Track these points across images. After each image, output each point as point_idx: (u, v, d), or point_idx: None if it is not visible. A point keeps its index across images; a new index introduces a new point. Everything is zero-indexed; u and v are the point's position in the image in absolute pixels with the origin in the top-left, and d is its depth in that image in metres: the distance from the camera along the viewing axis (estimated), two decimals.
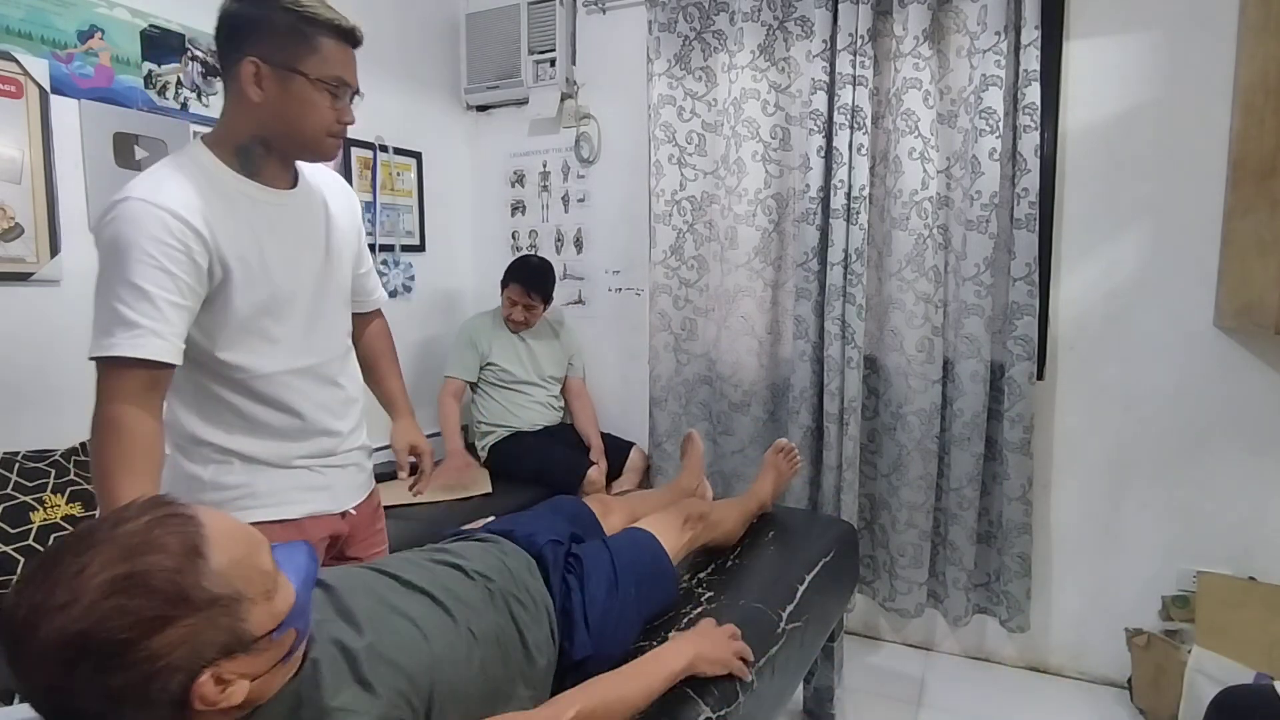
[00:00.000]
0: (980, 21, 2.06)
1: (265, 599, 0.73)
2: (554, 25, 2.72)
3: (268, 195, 1.16)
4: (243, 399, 1.15)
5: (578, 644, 1.17)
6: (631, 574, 1.29)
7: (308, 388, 1.20)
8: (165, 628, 0.65)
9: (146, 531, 0.68)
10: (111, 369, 1.04)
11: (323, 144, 1.16)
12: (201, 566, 0.68)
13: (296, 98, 1.10)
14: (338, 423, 1.26)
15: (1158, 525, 2.11)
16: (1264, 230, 1.73)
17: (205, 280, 1.07)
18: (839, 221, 2.24)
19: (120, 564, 0.65)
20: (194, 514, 0.72)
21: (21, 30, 1.68)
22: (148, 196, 1.04)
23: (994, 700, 2.16)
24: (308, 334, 1.20)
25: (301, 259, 1.20)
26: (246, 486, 1.17)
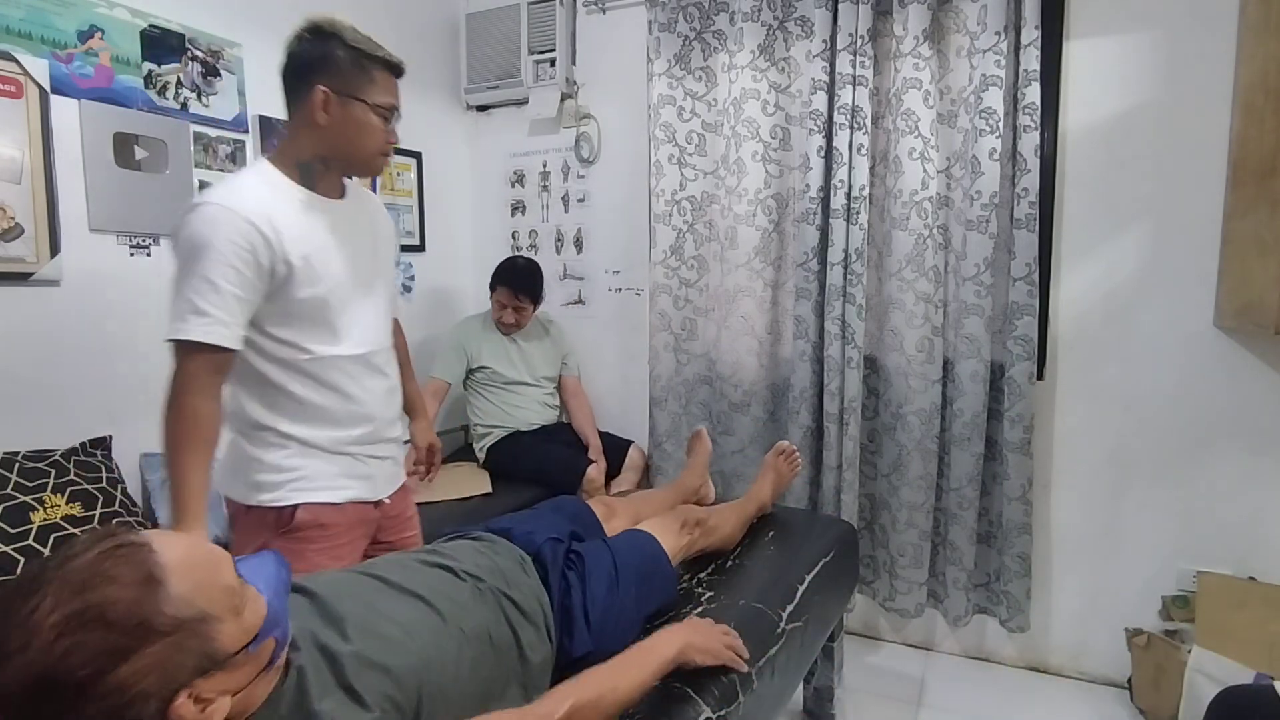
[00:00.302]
0: (980, 21, 2.06)
1: (234, 615, 0.72)
2: (554, 25, 2.73)
3: (323, 204, 1.32)
4: (302, 386, 1.28)
5: (577, 641, 1.17)
6: (632, 573, 1.30)
7: (359, 373, 1.34)
8: (128, 658, 0.64)
9: (97, 564, 0.66)
10: (185, 351, 1.18)
11: (374, 161, 1.36)
12: (160, 593, 0.67)
13: (357, 121, 1.29)
14: (382, 410, 1.40)
15: (1158, 525, 2.11)
16: (1264, 230, 1.73)
17: (268, 278, 1.21)
18: (839, 221, 2.24)
19: (73, 600, 0.63)
20: (145, 540, 0.70)
21: (21, 30, 1.68)
22: (223, 202, 1.19)
23: (994, 700, 2.16)
24: (361, 326, 1.35)
25: (353, 260, 1.34)
26: (299, 470, 1.29)
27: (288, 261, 1.22)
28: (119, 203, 1.86)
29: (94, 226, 1.82)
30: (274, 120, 2.22)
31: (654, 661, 1.11)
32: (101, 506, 1.66)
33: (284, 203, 1.26)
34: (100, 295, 1.83)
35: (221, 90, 2.08)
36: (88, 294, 1.81)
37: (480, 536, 1.27)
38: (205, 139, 2.05)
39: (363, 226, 1.40)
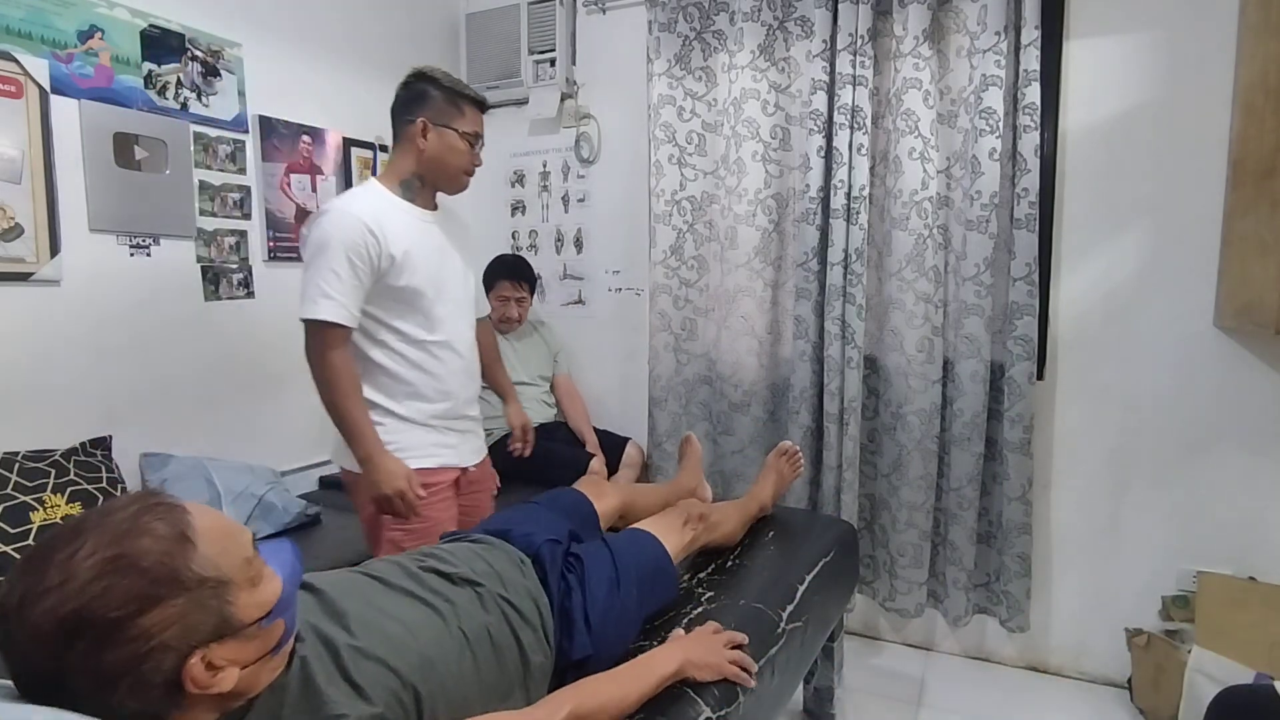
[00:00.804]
0: (980, 21, 2.06)
1: (250, 586, 0.75)
2: (554, 25, 2.73)
3: (420, 214, 1.60)
4: (400, 365, 1.54)
5: (577, 644, 1.16)
6: (632, 574, 1.29)
7: (446, 357, 1.60)
8: (155, 606, 0.67)
9: (135, 518, 0.70)
10: (316, 327, 1.44)
11: (460, 179, 1.64)
12: (189, 551, 0.71)
13: (448, 145, 1.58)
14: (462, 390, 1.65)
15: (1158, 525, 2.11)
16: (1264, 230, 1.73)
17: (376, 269, 1.48)
18: (839, 221, 2.24)
19: (111, 547, 0.67)
20: (180, 504, 0.74)
21: (21, 30, 1.68)
22: (344, 208, 1.48)
23: (994, 700, 2.16)
24: (450, 316, 1.60)
25: (442, 262, 1.60)
26: (397, 442, 1.53)
27: (390, 255, 1.48)
28: (119, 203, 1.86)
29: (94, 226, 1.82)
30: (274, 120, 2.23)
31: (653, 677, 1.12)
32: None
33: (389, 210, 1.53)
34: (100, 295, 1.84)
35: (221, 90, 2.08)
36: (88, 294, 1.81)
37: (479, 539, 1.27)
38: (205, 139, 2.05)
39: (451, 236, 1.66)
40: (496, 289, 2.58)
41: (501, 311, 2.59)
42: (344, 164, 2.48)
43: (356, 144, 2.52)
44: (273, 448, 2.26)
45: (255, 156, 2.18)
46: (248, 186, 2.17)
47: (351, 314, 1.46)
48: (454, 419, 1.64)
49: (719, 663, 1.19)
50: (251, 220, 2.19)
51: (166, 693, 0.69)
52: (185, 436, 2.02)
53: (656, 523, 1.52)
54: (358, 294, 1.46)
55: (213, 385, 2.10)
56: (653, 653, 1.17)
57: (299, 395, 2.35)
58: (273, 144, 2.22)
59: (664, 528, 1.49)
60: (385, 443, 1.50)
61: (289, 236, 2.30)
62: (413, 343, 1.55)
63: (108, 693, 0.66)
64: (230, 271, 2.14)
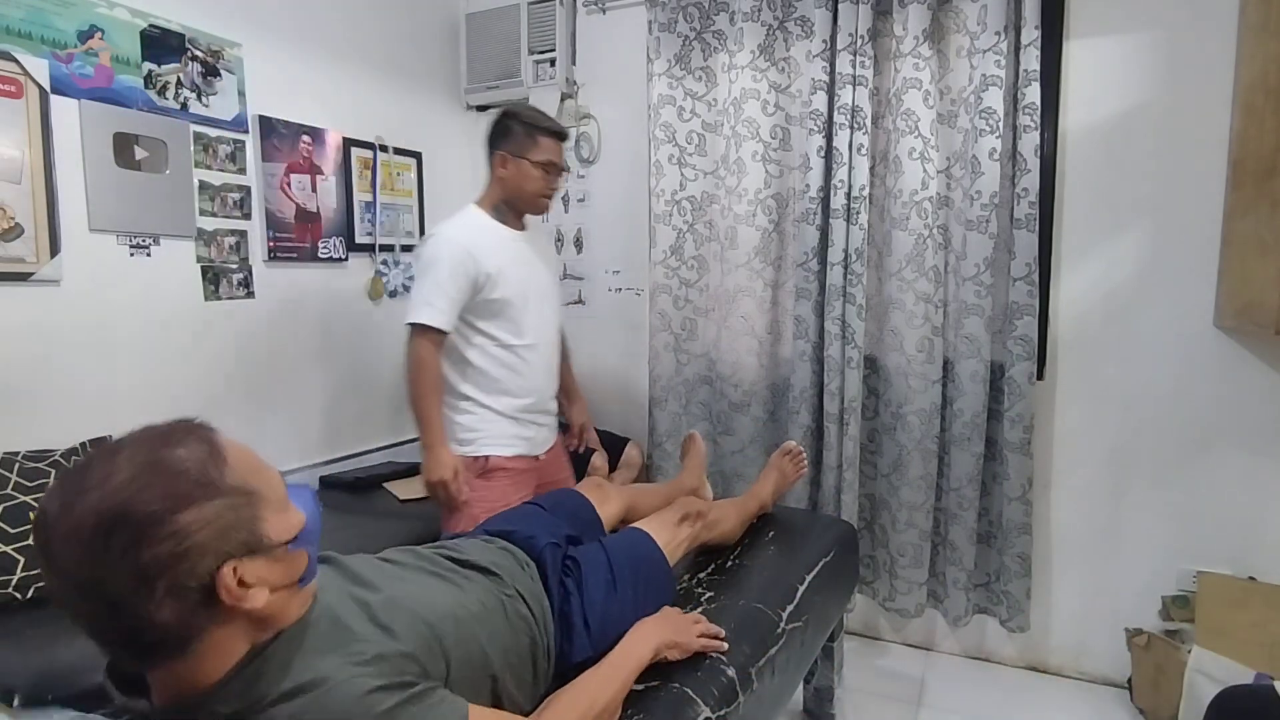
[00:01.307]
0: (980, 21, 2.06)
1: (281, 508, 0.78)
2: (554, 25, 2.73)
3: (510, 234, 1.87)
4: (492, 365, 1.82)
5: (577, 647, 1.17)
6: (629, 576, 1.30)
7: (532, 358, 1.86)
8: (192, 505, 0.70)
9: (170, 431, 0.74)
10: (419, 330, 1.72)
11: (538, 202, 1.89)
12: (222, 464, 0.74)
13: (524, 173, 1.83)
14: (544, 387, 1.91)
15: (1158, 525, 2.11)
16: (1264, 230, 1.73)
17: (473, 284, 1.75)
18: (839, 221, 2.24)
19: (149, 453, 0.71)
20: (214, 430, 0.78)
21: (21, 30, 1.68)
22: (446, 234, 1.79)
23: (994, 700, 2.16)
24: (536, 322, 1.86)
25: (529, 275, 1.86)
26: (484, 429, 1.82)
27: (486, 273, 1.75)
28: (119, 203, 1.86)
29: (94, 226, 1.82)
30: (274, 120, 2.23)
31: (633, 665, 1.14)
32: None
33: (484, 233, 1.82)
34: (100, 295, 1.83)
35: (221, 90, 2.08)
36: (88, 294, 1.81)
37: (486, 539, 1.28)
38: (205, 139, 2.05)
39: (537, 252, 1.93)
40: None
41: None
42: (344, 164, 2.47)
43: (356, 144, 2.52)
44: (273, 448, 2.25)
45: (255, 156, 2.18)
46: (248, 186, 2.17)
47: (448, 320, 1.73)
48: (536, 413, 1.90)
49: (688, 641, 1.23)
50: (251, 220, 2.19)
51: (202, 600, 0.71)
52: None
53: (653, 521, 1.52)
54: (455, 305, 1.74)
55: (213, 385, 2.10)
56: (628, 642, 1.18)
57: (299, 395, 2.36)
58: (273, 144, 2.22)
59: (660, 525, 1.50)
60: (474, 430, 1.81)
61: (289, 236, 2.30)
62: (504, 346, 1.82)
63: (145, 594, 0.67)
64: (230, 271, 2.14)
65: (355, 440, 2.57)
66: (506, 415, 1.83)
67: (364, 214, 2.56)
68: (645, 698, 1.13)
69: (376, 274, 2.62)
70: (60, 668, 1.20)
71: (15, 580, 1.48)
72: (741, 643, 1.31)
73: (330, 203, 2.44)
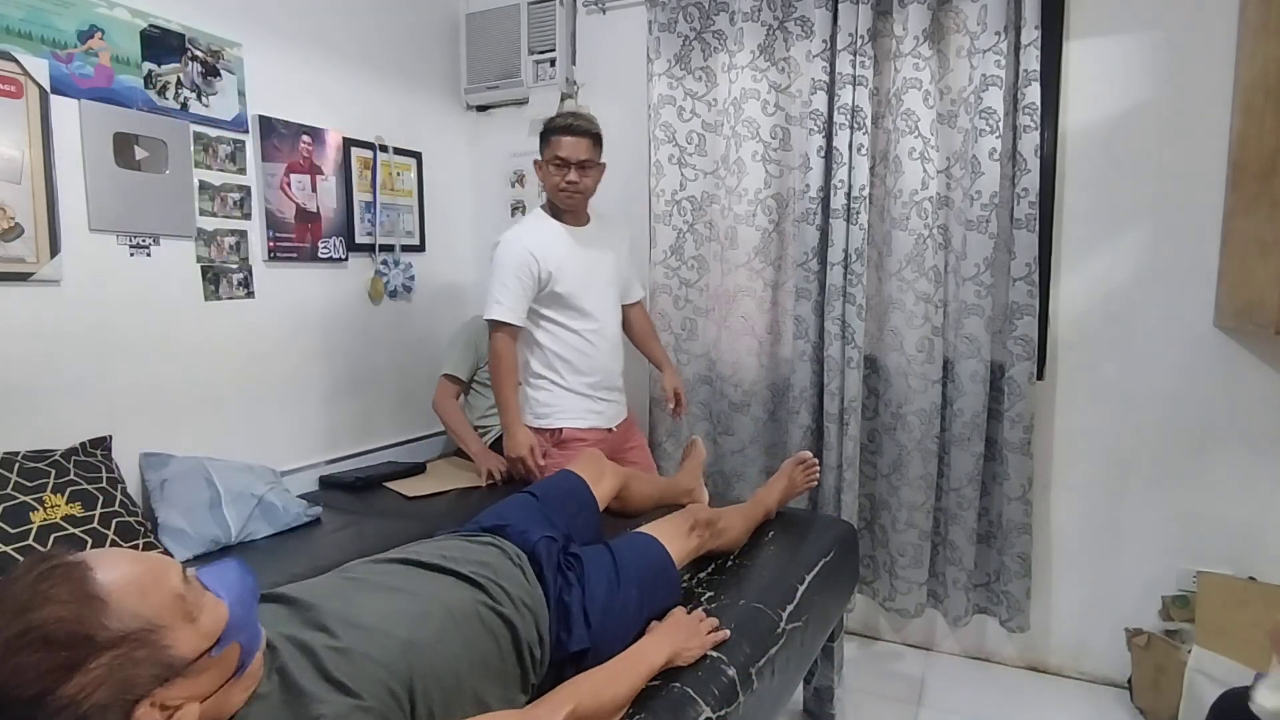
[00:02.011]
0: (980, 21, 2.06)
1: (187, 621, 0.73)
2: (554, 25, 2.72)
3: (568, 230, 2.08)
4: (561, 347, 2.07)
5: (575, 637, 1.17)
6: (633, 575, 1.30)
7: (596, 340, 2.09)
8: (74, 674, 0.65)
9: (34, 588, 0.67)
10: (494, 325, 2.01)
11: (558, 197, 2.06)
12: (99, 608, 0.68)
13: (544, 172, 2.06)
14: (608, 365, 2.14)
15: (1158, 525, 2.11)
16: (1264, 230, 1.73)
17: (535, 280, 2.01)
18: (839, 221, 2.24)
19: (14, 623, 0.65)
20: (80, 560, 0.71)
21: (21, 30, 1.67)
22: (512, 237, 2.04)
23: (994, 700, 2.16)
24: (598, 307, 2.09)
25: (592, 264, 2.09)
26: (558, 405, 2.08)
27: (548, 271, 2.00)
28: (119, 203, 1.86)
29: (94, 226, 1.82)
30: (274, 120, 2.23)
31: (645, 670, 1.14)
32: (101, 506, 1.66)
33: (544, 232, 2.06)
34: (100, 295, 1.83)
35: (221, 90, 2.08)
36: (88, 294, 1.81)
37: (471, 535, 1.28)
38: (205, 139, 2.05)
39: (601, 241, 2.13)
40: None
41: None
42: (344, 164, 2.47)
43: (357, 144, 2.52)
44: (273, 448, 2.26)
45: (255, 156, 2.18)
46: (248, 186, 2.17)
47: (515, 315, 2.00)
48: (604, 389, 2.12)
49: (701, 645, 1.24)
50: (251, 220, 2.19)
51: None
52: (185, 436, 2.02)
53: (661, 527, 1.52)
54: (520, 300, 2.00)
55: (213, 385, 2.10)
56: (642, 645, 1.19)
57: (299, 395, 2.36)
58: (273, 144, 2.22)
59: (668, 533, 1.49)
60: (550, 405, 2.08)
61: (289, 236, 2.30)
62: (571, 331, 2.06)
63: None
64: (230, 271, 2.14)
65: (355, 440, 2.57)
66: (577, 392, 2.08)
67: (364, 214, 2.56)
68: (645, 697, 1.13)
69: (376, 274, 2.62)
70: None
71: None
72: (741, 642, 1.31)
73: (330, 203, 2.44)
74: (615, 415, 2.18)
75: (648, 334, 2.33)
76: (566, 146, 2.00)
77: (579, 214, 2.11)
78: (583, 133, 2.01)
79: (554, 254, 2.02)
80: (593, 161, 2.05)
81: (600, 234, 2.15)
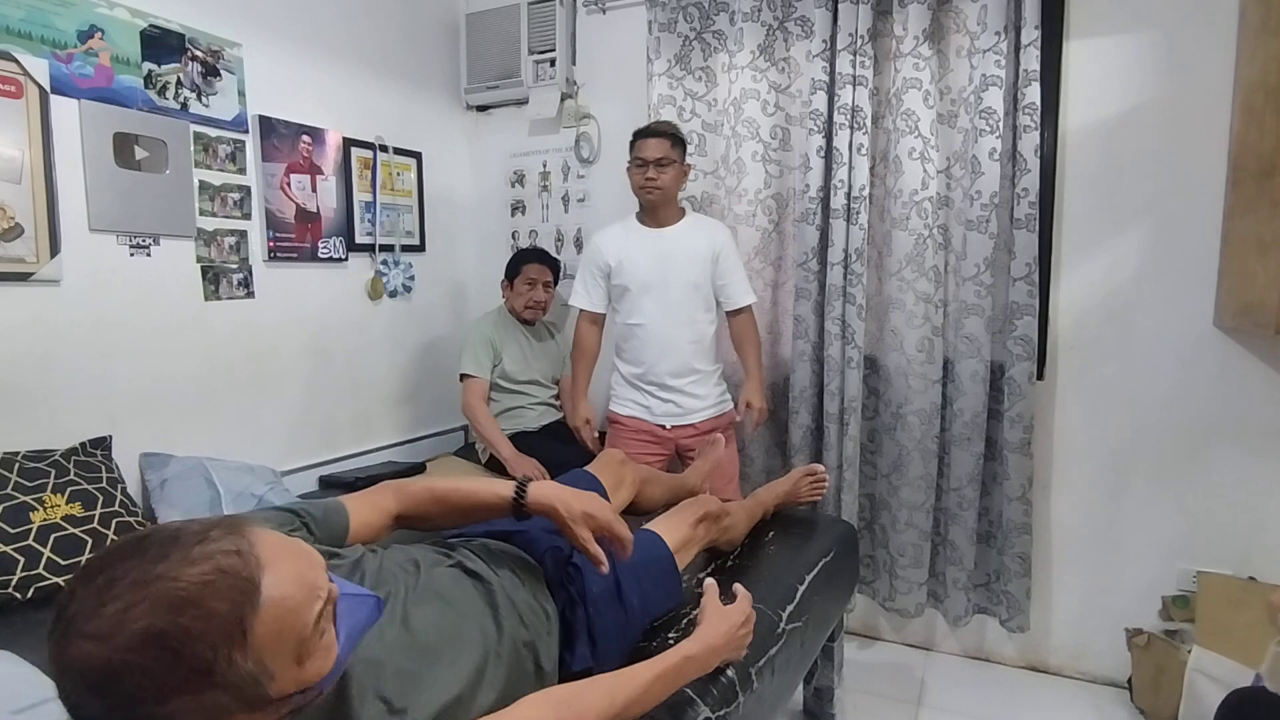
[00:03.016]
0: (980, 21, 2.06)
1: (296, 664, 0.70)
2: (554, 25, 2.72)
3: (645, 231, 2.22)
4: (619, 337, 2.28)
5: (578, 656, 1.15)
6: (635, 582, 1.27)
7: (643, 335, 2.21)
8: (181, 695, 0.64)
9: (202, 590, 0.65)
10: (580, 313, 2.30)
11: (639, 194, 2.20)
12: (238, 643, 0.66)
13: (630, 175, 2.20)
14: (654, 361, 2.21)
15: (1158, 525, 2.11)
16: (1264, 230, 1.73)
17: (603, 273, 2.24)
18: (839, 221, 2.24)
19: (163, 617, 0.63)
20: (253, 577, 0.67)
21: (21, 30, 1.67)
22: (596, 233, 2.32)
23: (994, 700, 2.16)
24: (652, 306, 2.19)
25: (657, 266, 2.18)
26: (615, 389, 2.33)
27: (609, 264, 2.22)
28: (119, 203, 1.86)
29: (94, 226, 1.82)
30: (274, 120, 2.23)
31: (683, 682, 1.10)
32: (101, 506, 1.65)
33: (620, 229, 2.26)
34: (100, 295, 1.83)
35: (221, 90, 2.08)
36: (88, 294, 1.81)
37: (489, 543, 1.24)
38: (205, 139, 2.05)
39: (682, 245, 2.19)
40: (524, 272, 2.58)
41: (529, 296, 2.58)
42: (344, 164, 2.47)
43: (356, 144, 2.52)
44: (273, 448, 2.26)
45: (255, 156, 2.18)
46: (248, 186, 2.17)
47: (589, 302, 2.27)
48: (649, 384, 2.23)
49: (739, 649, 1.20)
50: (251, 220, 2.19)
51: None
52: (185, 436, 2.02)
53: (670, 519, 1.50)
54: (593, 289, 2.27)
55: (213, 385, 2.10)
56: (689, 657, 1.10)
57: (299, 395, 2.36)
58: (273, 144, 2.22)
59: (675, 524, 1.48)
60: (611, 387, 2.34)
61: (289, 236, 2.30)
62: (624, 323, 2.25)
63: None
64: (230, 271, 2.14)
65: (355, 440, 2.57)
66: (627, 380, 2.28)
67: (364, 214, 2.56)
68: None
69: (376, 274, 2.62)
70: None
71: (15, 580, 1.48)
72: None
73: (330, 203, 2.44)
74: (669, 414, 2.22)
75: (743, 342, 2.27)
76: (644, 147, 2.13)
77: (660, 214, 2.19)
78: (659, 133, 2.13)
79: (620, 249, 2.20)
80: (669, 159, 2.12)
81: (685, 237, 2.19)
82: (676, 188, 2.19)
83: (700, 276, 2.18)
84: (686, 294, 2.18)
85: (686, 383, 2.22)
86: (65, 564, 1.54)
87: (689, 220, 2.24)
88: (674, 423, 2.22)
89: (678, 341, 2.19)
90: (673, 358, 2.19)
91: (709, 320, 2.24)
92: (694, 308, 2.19)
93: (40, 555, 1.52)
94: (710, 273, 2.19)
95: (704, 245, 2.18)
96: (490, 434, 2.45)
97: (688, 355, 2.20)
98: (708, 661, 1.14)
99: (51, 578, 1.52)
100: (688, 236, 2.20)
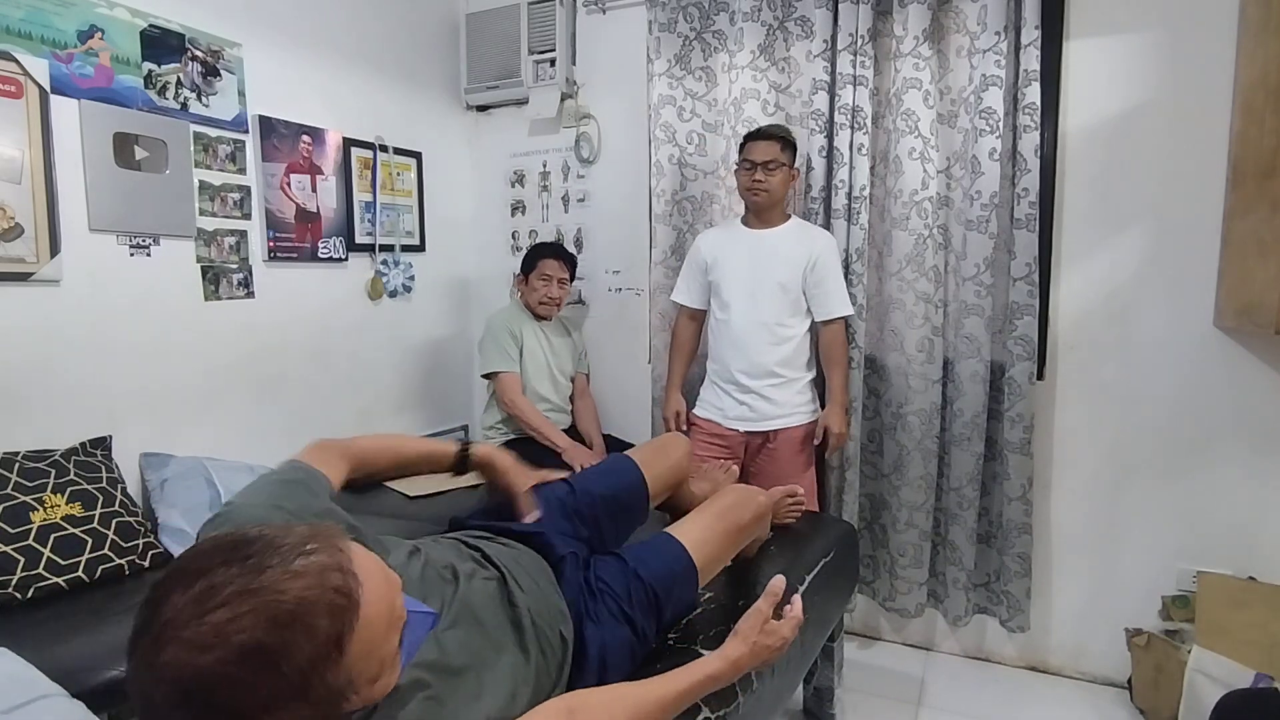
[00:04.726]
0: (980, 21, 2.06)
1: (369, 684, 0.71)
2: (554, 25, 2.72)
3: (745, 232, 2.22)
4: (712, 337, 2.28)
5: (586, 673, 1.13)
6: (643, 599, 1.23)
7: (725, 331, 2.21)
8: (272, 712, 0.63)
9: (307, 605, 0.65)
10: (680, 309, 2.35)
11: (745, 196, 2.19)
12: (335, 659, 0.66)
13: (738, 176, 2.20)
14: (730, 360, 2.20)
15: (1158, 525, 2.11)
16: (1264, 230, 1.73)
17: (700, 269, 2.27)
18: (839, 221, 2.24)
19: (266, 632, 0.62)
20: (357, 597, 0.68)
21: (21, 30, 1.67)
22: (697, 237, 2.34)
23: (994, 700, 2.16)
24: (739, 305, 2.18)
25: (752, 264, 2.17)
26: (703, 392, 2.31)
27: (704, 260, 2.25)
28: (119, 203, 1.86)
29: (94, 226, 1.82)
30: (274, 120, 2.23)
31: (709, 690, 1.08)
32: (101, 506, 1.66)
33: (721, 231, 2.30)
34: (100, 295, 1.83)
35: (221, 90, 2.08)
36: (88, 294, 1.81)
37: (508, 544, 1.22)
38: (205, 139, 2.05)
39: (782, 248, 2.16)
40: (540, 267, 2.56)
41: (544, 291, 2.56)
42: (344, 164, 2.47)
43: (357, 144, 2.52)
44: (273, 448, 2.25)
45: (255, 156, 2.18)
46: (248, 186, 2.17)
47: (686, 297, 2.31)
48: (726, 382, 2.21)
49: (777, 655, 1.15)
50: (251, 220, 2.19)
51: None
52: (185, 436, 2.02)
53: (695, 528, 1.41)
54: (691, 284, 2.30)
55: (213, 385, 2.10)
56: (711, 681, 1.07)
57: (299, 395, 2.36)
58: (273, 144, 2.22)
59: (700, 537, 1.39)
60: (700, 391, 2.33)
61: (289, 236, 2.30)
62: (714, 320, 2.26)
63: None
64: (230, 271, 2.14)
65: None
66: (709, 377, 2.29)
67: (364, 214, 2.56)
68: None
69: (376, 274, 2.62)
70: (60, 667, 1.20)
71: (15, 580, 1.48)
72: None
73: (330, 203, 2.44)
74: (742, 418, 2.18)
75: (830, 359, 2.18)
76: (753, 150, 2.12)
77: (765, 216, 2.17)
78: (770, 136, 2.11)
79: (717, 246, 2.23)
80: (776, 162, 2.09)
81: (784, 240, 2.16)
82: (783, 191, 2.15)
83: (789, 279, 2.13)
84: (773, 294, 2.13)
85: (764, 385, 2.15)
86: (65, 564, 1.54)
87: (792, 224, 2.20)
88: (747, 427, 2.17)
89: (757, 342, 2.14)
90: (749, 356, 2.15)
91: (795, 325, 2.15)
92: (780, 309, 2.14)
93: (40, 555, 1.52)
94: (802, 278, 2.13)
95: (801, 250, 2.13)
96: (540, 424, 2.46)
97: (766, 357, 2.14)
98: (731, 679, 1.10)
99: (51, 578, 1.52)
100: (787, 240, 2.16)
